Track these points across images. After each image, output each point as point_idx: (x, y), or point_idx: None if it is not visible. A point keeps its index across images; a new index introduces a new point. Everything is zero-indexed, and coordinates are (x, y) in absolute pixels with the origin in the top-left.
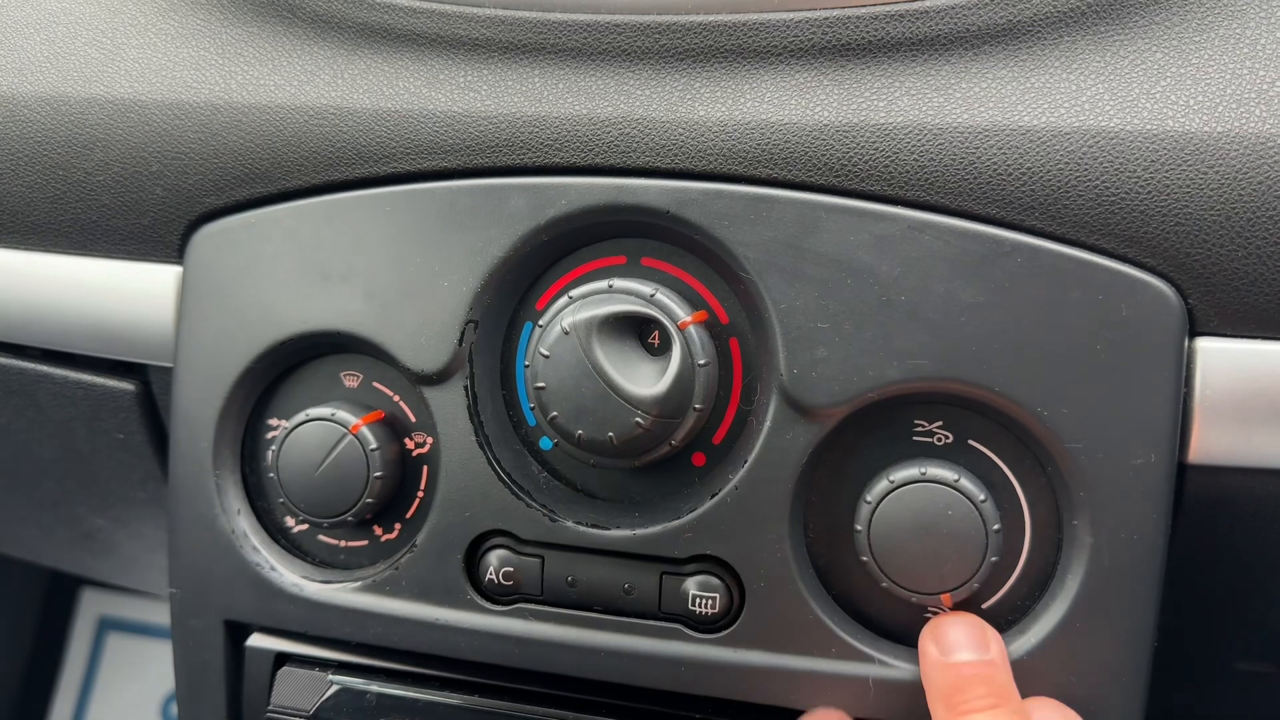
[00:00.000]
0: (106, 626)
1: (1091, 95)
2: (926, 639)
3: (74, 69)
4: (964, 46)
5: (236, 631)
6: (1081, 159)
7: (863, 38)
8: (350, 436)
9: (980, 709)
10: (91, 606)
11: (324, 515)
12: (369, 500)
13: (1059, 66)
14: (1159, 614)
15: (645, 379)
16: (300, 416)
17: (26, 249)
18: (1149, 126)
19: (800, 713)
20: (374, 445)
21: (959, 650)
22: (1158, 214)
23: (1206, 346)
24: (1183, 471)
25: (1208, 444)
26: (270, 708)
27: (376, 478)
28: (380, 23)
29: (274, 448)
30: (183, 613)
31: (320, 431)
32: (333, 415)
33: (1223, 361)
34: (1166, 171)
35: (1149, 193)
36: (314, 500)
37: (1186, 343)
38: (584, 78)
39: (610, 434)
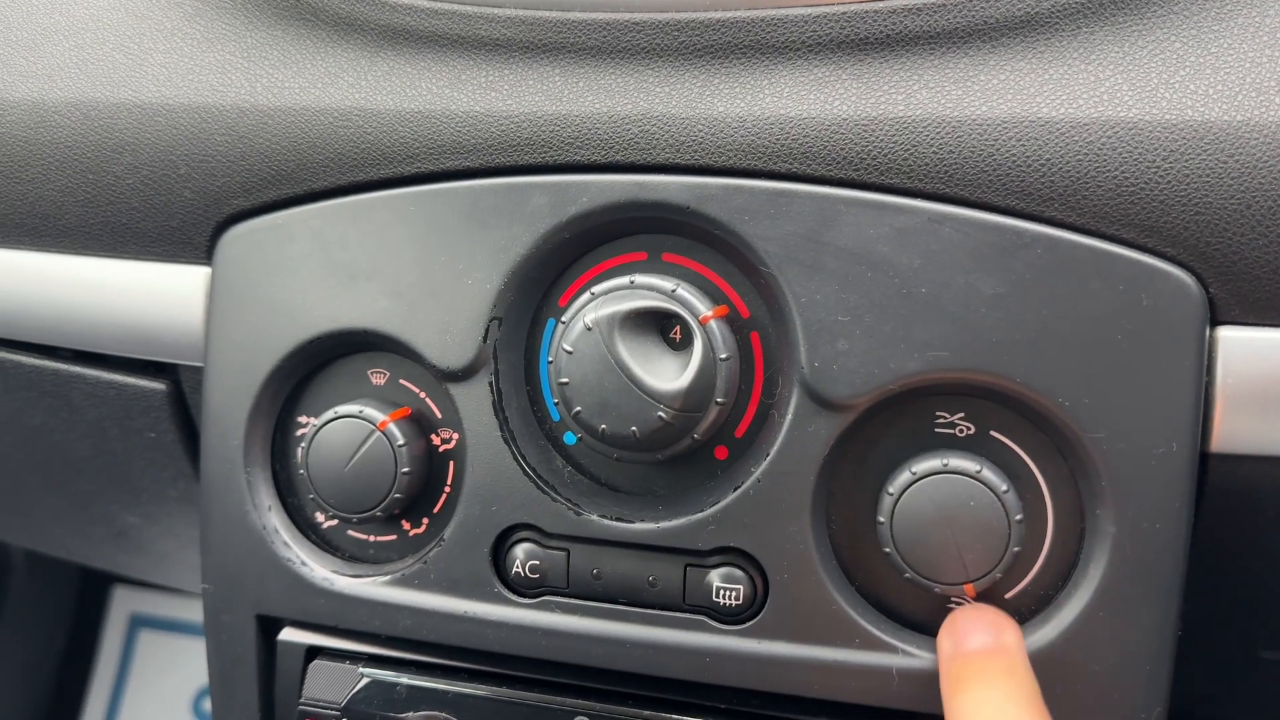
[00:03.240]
0: (138, 624)
1: (1110, 86)
2: (943, 636)
3: (102, 74)
4: (982, 39)
5: (268, 626)
6: (1101, 150)
7: (880, 32)
8: (378, 433)
9: (982, 684)
10: (123, 604)
11: (353, 511)
12: (397, 495)
13: (1077, 58)
14: (1182, 603)
15: (667, 374)
16: (329, 414)
17: (58, 252)
18: (1168, 116)
19: (824, 702)
20: (401, 441)
21: (971, 638)
22: (1178, 204)
23: (1228, 335)
24: (1205, 460)
25: (1229, 433)
26: (302, 701)
27: (404, 473)
28: (402, 24)
29: (303, 445)
30: (215, 608)
31: (349, 428)
32: (361, 412)
33: (1244, 350)
34: (1186, 161)
35: (1169, 183)
36: (343, 496)
37: (1207, 332)
38: (604, 76)
39: (633, 428)
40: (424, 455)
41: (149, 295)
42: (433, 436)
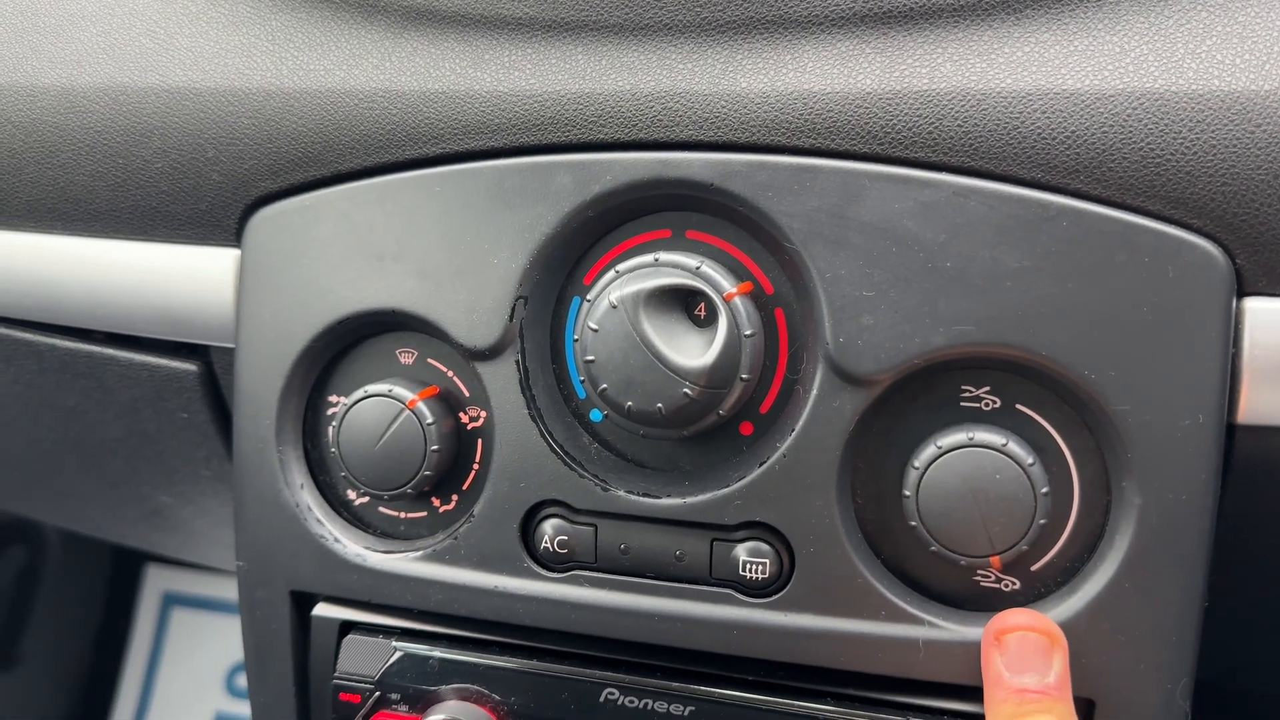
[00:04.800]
0: (171, 602)
1: (1136, 56)
2: (992, 649)
3: (130, 59)
4: (1006, 11)
5: (302, 601)
6: (1126, 121)
7: (904, 4)
8: (407, 411)
9: None
10: (156, 583)
11: (384, 488)
12: (427, 473)
13: (1103, 28)
14: (1209, 574)
15: (692, 350)
16: (359, 393)
17: (90, 236)
18: (1194, 86)
19: (851, 674)
20: (430, 420)
21: (1025, 674)
22: (1204, 174)
23: (1254, 306)
24: (1232, 432)
25: (1256, 404)
26: (336, 675)
27: (434, 451)
28: (424, 4)
29: (334, 424)
30: (250, 584)
31: (378, 407)
32: (390, 391)
33: (1271, 321)
34: (1212, 131)
35: (1195, 153)
36: (374, 474)
37: (1234, 303)
38: (626, 52)
39: (659, 405)
40: (453, 433)
41: (180, 277)
42: (461, 414)
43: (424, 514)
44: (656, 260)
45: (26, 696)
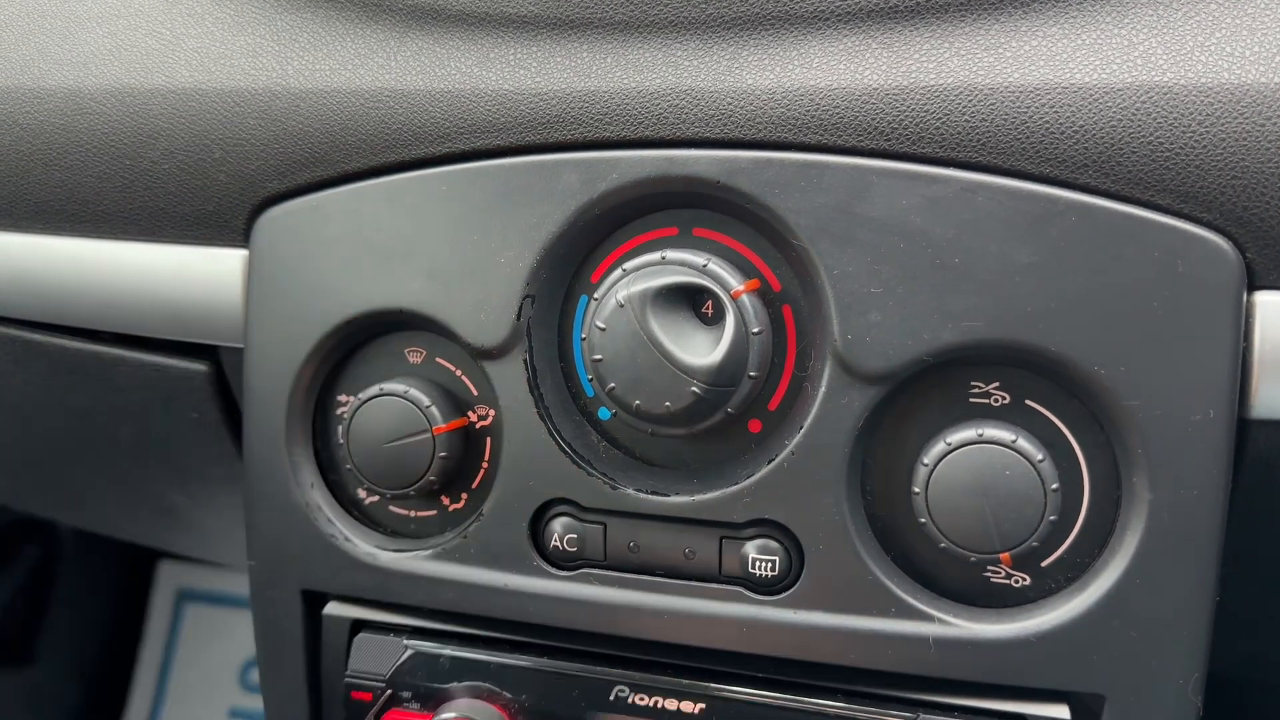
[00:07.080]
0: (185, 597)
1: (1144, 50)
2: None
3: (136, 60)
4: (1014, 5)
5: (314, 600)
6: (1135, 115)
7: None
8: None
9: None
10: (170, 579)
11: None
12: (432, 477)
13: (1111, 22)
14: (1220, 568)
15: (700, 349)
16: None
17: (99, 237)
18: (1204, 80)
19: (861, 671)
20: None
21: None
22: (1213, 168)
23: (1265, 300)
24: (1244, 426)
25: (1267, 398)
26: (348, 673)
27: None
28: (429, 3)
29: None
30: (261, 583)
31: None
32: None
33: None
34: (1222, 125)
35: (1204, 147)
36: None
37: (1245, 297)
38: (632, 50)
39: (667, 403)
40: (461, 431)
41: (188, 278)
42: (470, 413)
43: (434, 512)
44: (663, 258)
45: (43, 692)
